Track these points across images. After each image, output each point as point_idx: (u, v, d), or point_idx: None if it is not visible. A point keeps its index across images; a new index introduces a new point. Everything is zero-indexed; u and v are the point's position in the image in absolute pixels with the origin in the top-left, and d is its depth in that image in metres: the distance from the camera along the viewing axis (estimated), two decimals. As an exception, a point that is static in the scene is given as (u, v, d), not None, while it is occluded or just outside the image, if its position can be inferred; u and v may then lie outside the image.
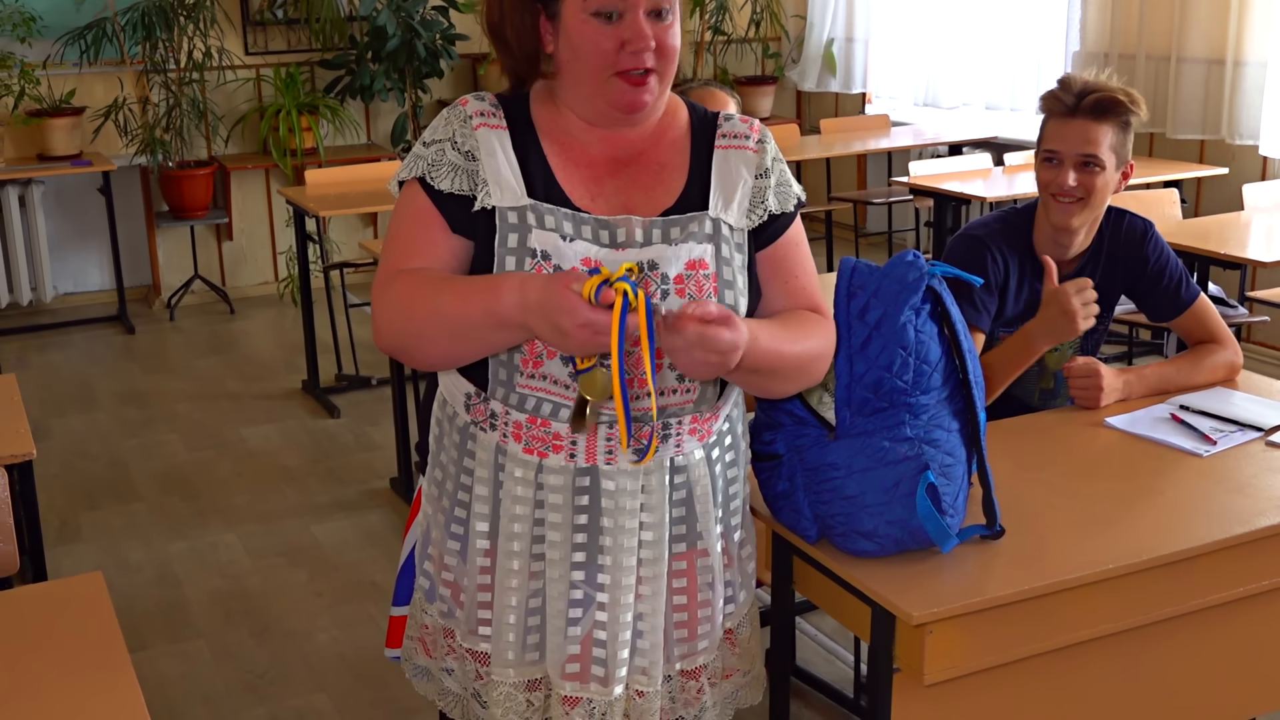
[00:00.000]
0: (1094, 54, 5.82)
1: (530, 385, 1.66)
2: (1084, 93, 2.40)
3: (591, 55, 1.62)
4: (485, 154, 1.66)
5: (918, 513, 1.78)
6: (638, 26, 1.61)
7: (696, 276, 1.65)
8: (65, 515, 4.09)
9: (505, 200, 1.64)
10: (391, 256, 1.69)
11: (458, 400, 1.75)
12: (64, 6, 6.16)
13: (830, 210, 6.61)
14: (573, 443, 1.67)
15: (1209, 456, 2.18)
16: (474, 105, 1.70)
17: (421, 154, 1.70)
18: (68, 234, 6.45)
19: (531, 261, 1.61)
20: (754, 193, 1.73)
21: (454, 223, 1.66)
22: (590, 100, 1.67)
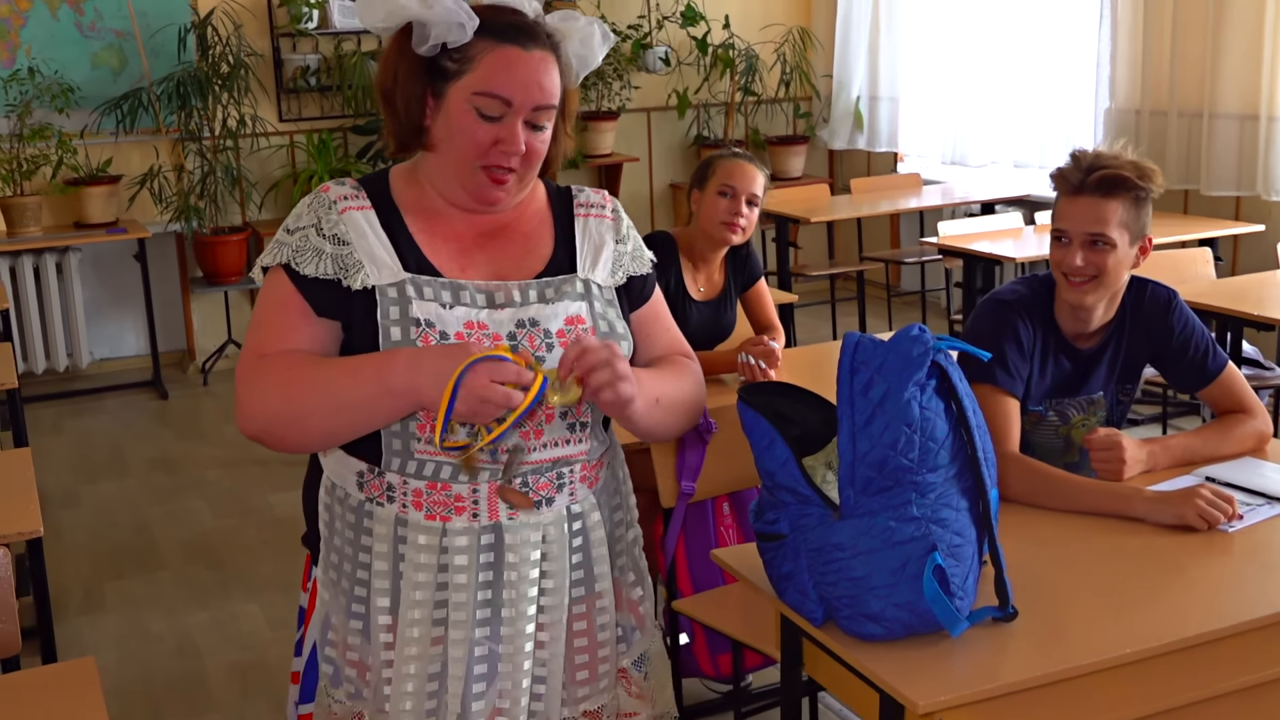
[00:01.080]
0: (1125, 111, 5.77)
1: (429, 451, 1.70)
2: (1092, 168, 2.34)
3: (464, 144, 1.70)
4: (356, 236, 1.71)
5: (925, 595, 1.73)
6: (514, 131, 1.70)
7: (576, 331, 1.75)
8: (90, 585, 4.09)
9: (383, 278, 1.69)
10: (256, 342, 1.72)
11: (348, 480, 1.76)
12: (102, 77, 6.27)
13: (862, 270, 6.57)
14: (474, 503, 1.71)
15: (1235, 531, 2.11)
16: (336, 190, 1.74)
17: (285, 241, 1.73)
18: (104, 300, 6.52)
19: (416, 330, 1.66)
20: (615, 256, 1.85)
21: (319, 307, 1.70)
22: (451, 184, 1.75)
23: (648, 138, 7.49)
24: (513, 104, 1.69)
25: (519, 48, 1.69)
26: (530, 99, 1.69)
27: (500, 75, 1.68)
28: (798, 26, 7.47)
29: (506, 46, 1.69)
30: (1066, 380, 2.47)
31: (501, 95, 1.68)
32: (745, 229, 3.27)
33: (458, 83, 1.69)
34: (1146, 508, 2.14)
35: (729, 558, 2.10)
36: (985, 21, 6.55)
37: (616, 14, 7.16)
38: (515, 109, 1.69)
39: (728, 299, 3.38)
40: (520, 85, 1.68)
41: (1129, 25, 5.71)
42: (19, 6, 6.12)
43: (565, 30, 1.76)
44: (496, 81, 1.68)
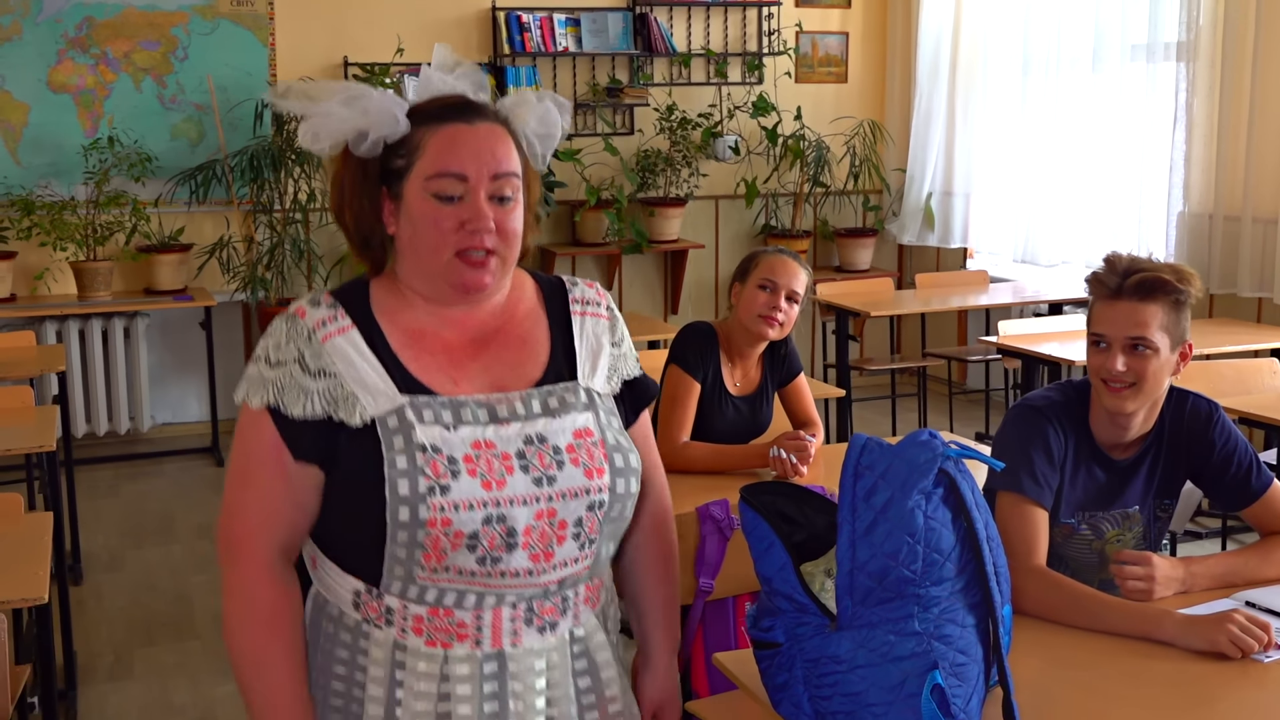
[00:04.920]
0: (1198, 215, 5.65)
1: (433, 578, 1.60)
2: (1129, 271, 2.27)
3: (432, 234, 1.62)
4: (343, 365, 1.61)
5: (923, 716, 1.64)
6: (478, 207, 1.62)
7: (586, 444, 1.66)
8: (121, 650, 4.08)
9: (380, 406, 1.60)
10: (236, 504, 1.65)
11: (343, 599, 1.66)
12: (179, 148, 6.41)
13: (924, 366, 6.47)
14: (478, 629, 1.62)
15: (1271, 663, 1.99)
16: (313, 315, 1.64)
17: (266, 377, 1.63)
18: (168, 366, 6.61)
19: (423, 457, 1.57)
20: (611, 361, 1.77)
21: (300, 450, 1.61)
22: (431, 280, 1.66)
23: (715, 225, 7.49)
24: (468, 178, 1.62)
25: (463, 123, 1.64)
26: (485, 168, 1.62)
27: (448, 152, 1.62)
28: (869, 120, 7.45)
29: (449, 125, 1.64)
30: (1100, 492, 2.36)
31: (453, 171, 1.61)
32: (784, 324, 3.22)
33: (410, 176, 1.63)
34: (1176, 631, 2.03)
35: (730, 663, 2.01)
36: (1060, 121, 6.47)
37: (688, 102, 7.20)
38: (472, 184, 1.62)
39: (764, 395, 3.32)
40: (471, 156, 1.62)
41: (1204, 129, 5.61)
42: (104, 78, 6.31)
43: (518, 111, 1.70)
44: (445, 159, 1.62)
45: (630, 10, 7.08)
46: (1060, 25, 6.46)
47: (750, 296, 3.22)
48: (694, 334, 3.29)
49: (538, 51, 6.83)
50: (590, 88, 7.10)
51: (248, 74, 6.49)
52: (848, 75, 7.67)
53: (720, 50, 7.30)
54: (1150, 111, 5.96)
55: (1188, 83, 5.66)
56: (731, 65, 7.35)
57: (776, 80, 7.38)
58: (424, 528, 1.56)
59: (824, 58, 7.60)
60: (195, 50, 6.41)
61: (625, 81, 7.13)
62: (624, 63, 7.16)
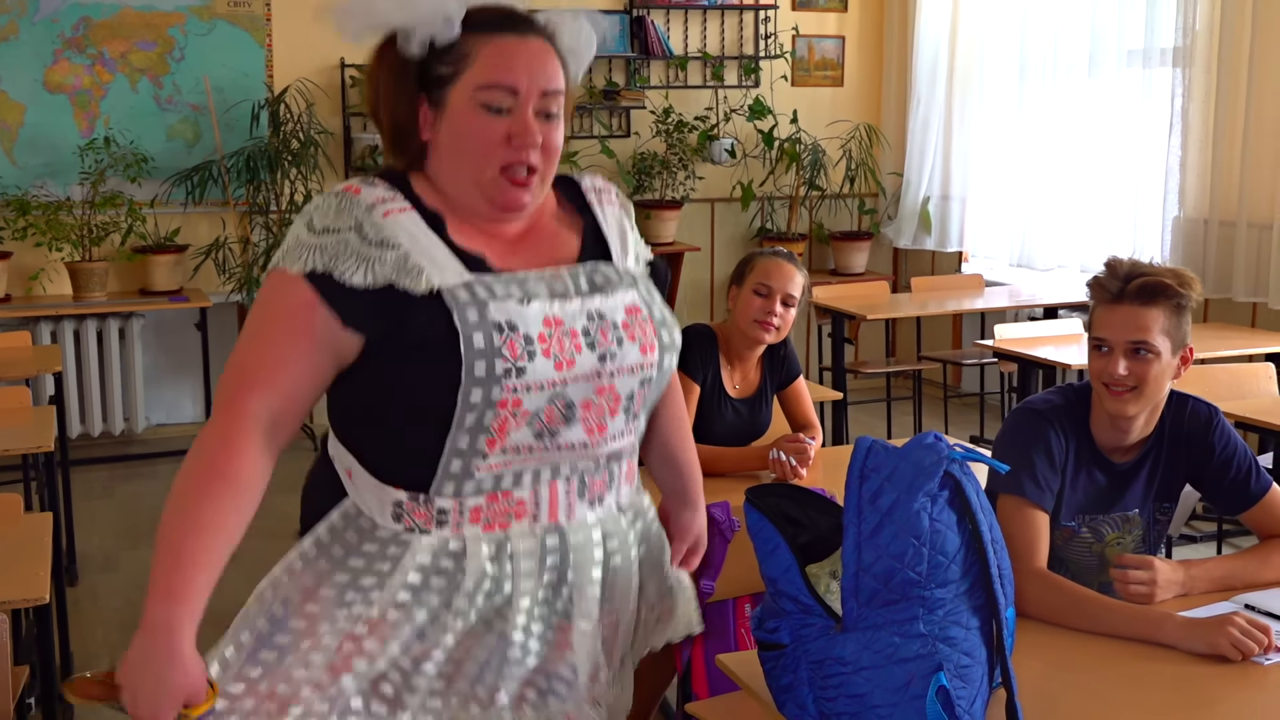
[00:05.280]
0: (1193, 220, 5.67)
1: (492, 464, 1.59)
2: (1130, 276, 2.29)
3: (477, 146, 1.61)
4: (407, 239, 1.58)
5: (927, 718, 1.64)
6: (525, 121, 1.61)
7: (638, 321, 1.70)
8: (116, 652, 4.03)
9: (448, 279, 1.57)
10: (242, 364, 1.58)
11: (379, 510, 1.62)
12: (176, 149, 6.41)
13: (919, 369, 6.48)
14: (535, 505, 1.64)
15: (1270, 665, 1.99)
16: (370, 193, 1.61)
17: (313, 242, 1.57)
18: (164, 367, 6.60)
19: (500, 336, 1.55)
20: (635, 242, 1.81)
21: (350, 316, 1.56)
22: (469, 193, 1.64)
23: (711, 228, 7.50)
24: (519, 91, 1.61)
25: (515, 35, 1.63)
26: (536, 84, 1.61)
27: (501, 64, 1.60)
28: (865, 123, 7.47)
29: (502, 36, 1.62)
30: (1101, 495, 2.37)
31: (506, 84, 1.60)
32: (780, 329, 3.22)
33: (456, 85, 1.61)
34: (1177, 634, 2.03)
35: (733, 664, 2.02)
36: (1056, 125, 6.49)
37: (684, 105, 7.21)
38: (523, 97, 1.61)
39: (763, 397, 3.32)
40: (524, 71, 1.61)
41: (1199, 134, 5.62)
42: (100, 78, 6.30)
43: (556, 22, 1.69)
44: (498, 71, 1.60)
45: (627, 13, 7.09)
46: (1057, 30, 6.48)
47: (746, 301, 3.23)
48: (694, 336, 3.30)
49: (534, 54, 6.82)
50: (587, 90, 7.10)
51: (244, 75, 6.48)
52: (844, 79, 7.68)
53: (717, 53, 7.31)
54: (1146, 116, 5.97)
55: (1183, 88, 5.68)
56: (728, 68, 7.35)
57: (773, 83, 7.39)
58: (494, 409, 1.55)
59: (820, 61, 7.61)
60: (192, 51, 6.41)
61: (622, 84, 7.14)
62: (620, 65, 7.16)
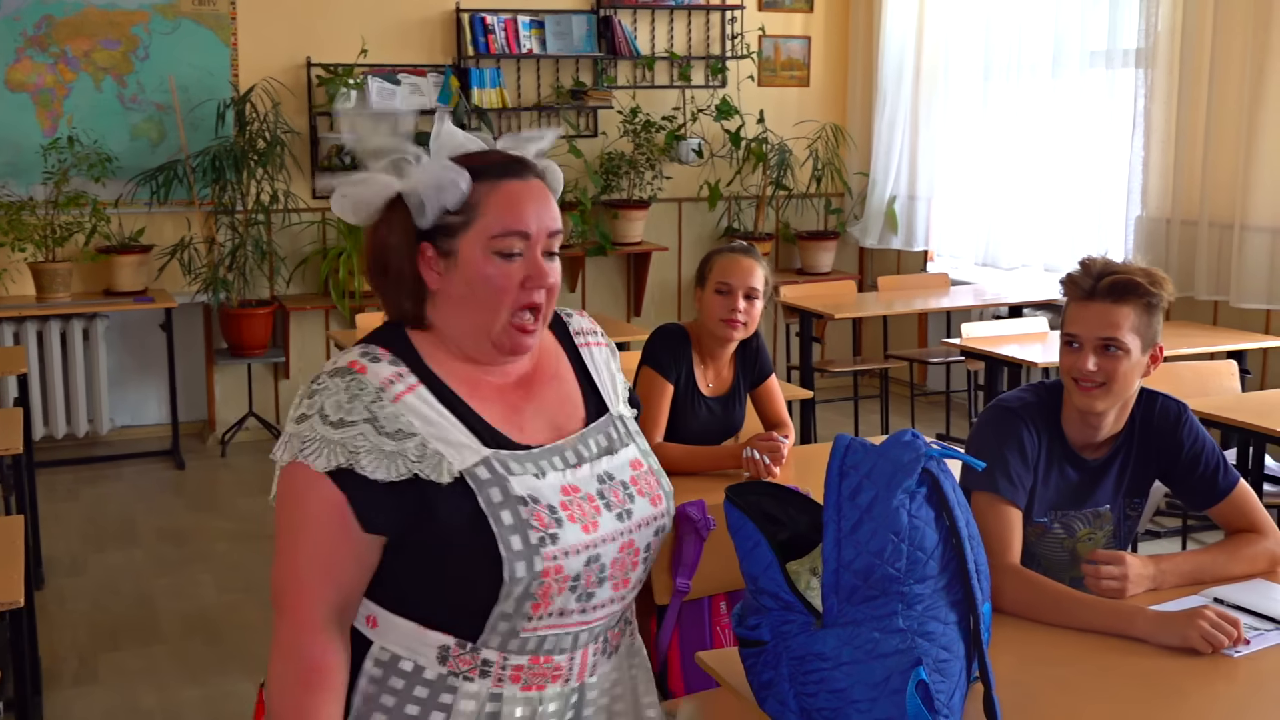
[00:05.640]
0: (1156, 219, 5.74)
1: (538, 627, 1.60)
2: (1102, 274, 2.32)
3: (494, 294, 1.62)
4: (421, 424, 1.57)
5: (907, 712, 1.66)
6: (538, 263, 1.63)
7: (643, 475, 1.71)
8: (85, 655, 4.04)
9: (467, 459, 1.57)
10: (300, 570, 1.57)
11: (424, 654, 1.61)
12: (140, 148, 6.36)
13: (886, 368, 6.52)
14: (570, 669, 1.66)
15: (1240, 657, 2.03)
16: (377, 372, 1.58)
17: (331, 437, 1.54)
18: (128, 368, 6.55)
19: (525, 510, 1.56)
20: (621, 384, 1.81)
21: (372, 520, 1.56)
22: (479, 340, 1.64)
23: (678, 228, 7.51)
24: (530, 235, 1.62)
25: (518, 180, 1.64)
26: (544, 226, 1.63)
27: (512, 210, 1.61)
28: (832, 124, 7.51)
29: (506, 182, 1.63)
30: (1072, 492, 2.40)
31: (519, 230, 1.61)
32: (747, 324, 3.24)
33: (467, 234, 1.61)
34: (1148, 628, 2.06)
35: (713, 661, 2.03)
36: (1020, 126, 6.55)
37: (651, 105, 7.22)
38: (533, 240, 1.62)
39: (737, 395, 3.34)
40: (533, 214, 1.62)
41: (1161, 135, 5.69)
42: (63, 77, 6.24)
43: (545, 164, 1.71)
44: (510, 218, 1.61)
45: (594, 13, 7.09)
46: (1021, 31, 6.54)
47: (709, 302, 3.24)
48: (666, 336, 3.31)
49: (502, 53, 6.83)
50: (554, 90, 7.11)
51: (209, 74, 6.44)
52: (810, 79, 7.72)
53: (684, 53, 7.33)
54: (1109, 117, 6.04)
55: (1146, 89, 5.75)
56: (695, 68, 7.37)
57: (740, 84, 7.42)
58: (539, 579, 1.55)
59: (786, 61, 7.64)
60: (156, 50, 6.36)
61: (589, 84, 7.14)
62: (588, 65, 7.17)
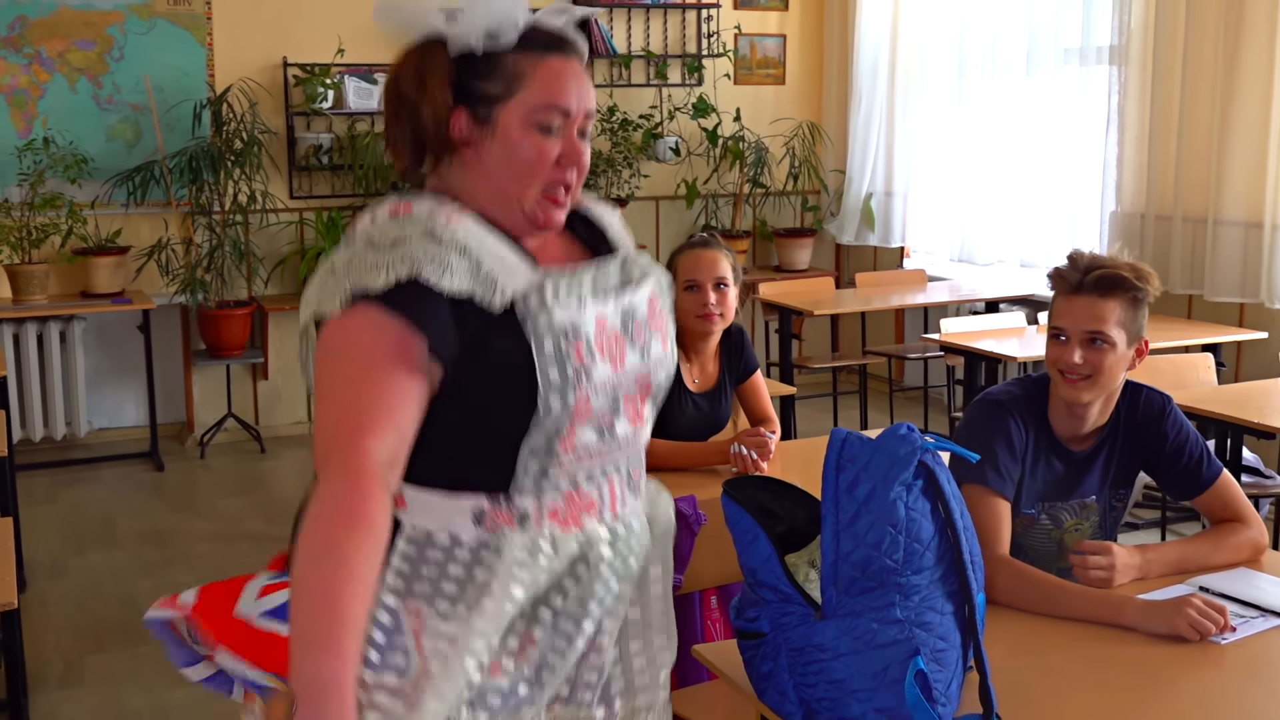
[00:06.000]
0: (1130, 215, 5.79)
1: (565, 463, 1.62)
2: (1089, 268, 2.35)
3: (530, 166, 1.64)
4: (475, 243, 1.58)
5: (906, 701, 1.69)
6: (574, 142, 1.66)
7: (656, 313, 1.73)
8: (70, 658, 4.03)
9: (518, 283, 1.58)
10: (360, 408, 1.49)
11: (459, 523, 1.60)
12: (115, 149, 6.33)
13: (865, 364, 6.56)
14: (601, 501, 1.68)
15: (1227, 644, 2.07)
16: (422, 205, 1.61)
17: (386, 257, 1.52)
18: (106, 370, 6.52)
19: (566, 342, 1.57)
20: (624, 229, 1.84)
21: (437, 337, 1.53)
22: (510, 209, 1.65)
23: (655, 226, 7.54)
24: (570, 113, 1.65)
25: (562, 57, 1.66)
26: (583, 105, 1.66)
27: (556, 85, 1.63)
28: (808, 121, 7.55)
29: (552, 57, 1.65)
30: (1059, 483, 2.44)
31: (561, 105, 1.63)
32: (724, 314, 3.25)
33: (509, 104, 1.62)
34: (1137, 616, 2.10)
35: (710, 654, 2.05)
36: (995, 123, 6.60)
37: (629, 104, 7.24)
38: (572, 119, 1.65)
39: (723, 391, 3.36)
40: (575, 92, 1.65)
41: (1135, 131, 5.75)
42: (38, 78, 6.21)
43: (581, 44, 1.72)
44: (554, 92, 1.63)
45: (570, 12, 7.09)
46: (995, 29, 6.59)
47: (681, 301, 3.25)
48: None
49: (479, 53, 6.81)
50: (531, 89, 7.11)
51: (185, 74, 6.41)
52: (786, 77, 7.75)
53: (660, 52, 7.35)
54: (1083, 113, 6.09)
55: (1120, 85, 5.80)
56: (671, 67, 7.39)
57: (716, 82, 7.45)
58: (569, 413, 1.57)
59: (762, 59, 7.67)
60: (131, 50, 6.33)
61: (566, 83, 7.14)
62: (564, 64, 7.16)
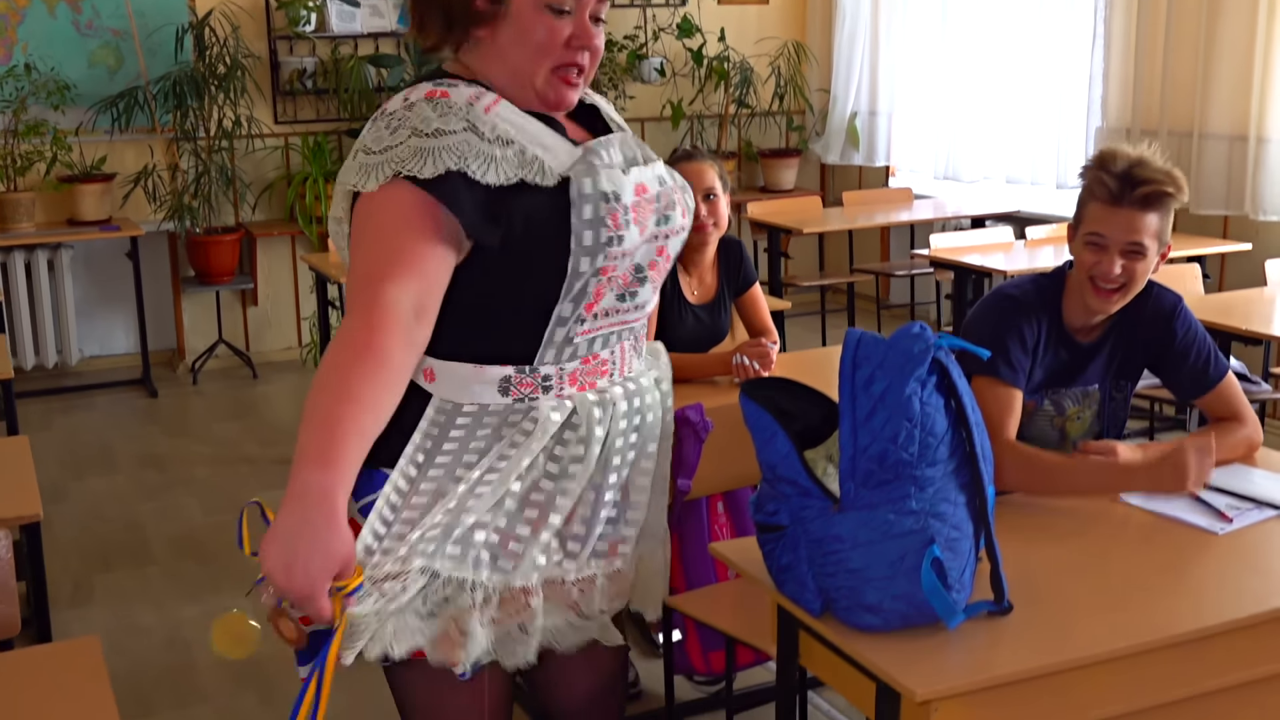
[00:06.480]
0: (1115, 129, 5.82)
1: (587, 329, 1.71)
2: (1130, 179, 2.31)
3: (541, 46, 1.69)
4: (516, 131, 1.65)
5: (922, 587, 1.75)
6: (586, 25, 1.71)
7: (671, 185, 1.80)
8: (79, 577, 4.09)
9: (562, 159, 1.65)
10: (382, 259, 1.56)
11: (484, 393, 1.69)
12: (98, 75, 6.28)
13: (852, 282, 6.61)
14: (613, 364, 1.77)
15: (1225, 534, 2.14)
16: (459, 92, 1.66)
17: (433, 145, 1.59)
18: (95, 298, 6.51)
19: (605, 206, 1.64)
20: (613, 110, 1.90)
21: (474, 224, 1.60)
22: (524, 89, 1.71)
23: (641, 148, 7.51)
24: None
25: None
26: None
27: None
28: (793, 41, 7.52)
29: None
30: (1063, 371, 2.47)
31: None
32: (716, 224, 3.29)
33: None
34: (1145, 481, 2.23)
35: (727, 550, 2.12)
36: (980, 40, 6.61)
37: (613, 25, 7.19)
38: (583, 2, 1.69)
39: (722, 303, 3.40)
40: None
41: (1121, 45, 5.77)
42: (16, 3, 6.13)
43: None
44: None
45: (553, -69, 7.02)
46: (980, -56, 6.57)
47: None
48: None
49: (462, -27, 6.76)
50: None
51: (166, -2, 6.35)
52: (769, -4, 7.72)
53: (644, -29, 7.30)
54: (1069, 29, 6.11)
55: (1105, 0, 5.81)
56: (655, -14, 7.35)
57: (700, 2, 7.40)
58: (597, 275, 1.65)
59: (746, -22, 7.63)
60: (110, -26, 6.26)
61: (550, 3, 7.09)
62: (548, -16, 7.11)
